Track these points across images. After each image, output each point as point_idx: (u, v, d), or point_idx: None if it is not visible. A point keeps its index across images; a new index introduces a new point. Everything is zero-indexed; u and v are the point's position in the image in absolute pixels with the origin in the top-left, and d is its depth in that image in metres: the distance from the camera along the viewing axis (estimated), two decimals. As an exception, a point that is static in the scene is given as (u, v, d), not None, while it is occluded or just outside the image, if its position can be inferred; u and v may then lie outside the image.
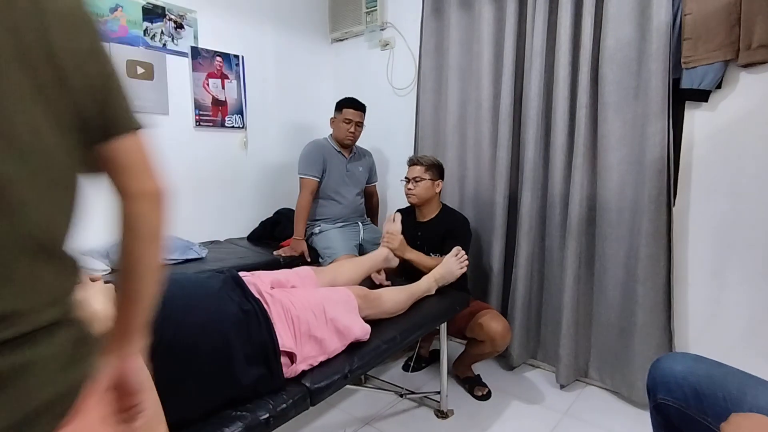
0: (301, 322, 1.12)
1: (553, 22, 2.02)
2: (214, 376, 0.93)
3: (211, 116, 2.46)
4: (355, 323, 1.25)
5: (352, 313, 1.27)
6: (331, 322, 1.18)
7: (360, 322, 1.27)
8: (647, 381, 1.08)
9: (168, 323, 0.90)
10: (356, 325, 1.25)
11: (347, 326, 1.22)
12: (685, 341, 1.86)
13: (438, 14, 2.43)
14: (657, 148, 1.74)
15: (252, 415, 0.93)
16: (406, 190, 2.04)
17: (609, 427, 1.77)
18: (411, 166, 2.05)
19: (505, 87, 2.16)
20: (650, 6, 1.72)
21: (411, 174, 2.02)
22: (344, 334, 1.21)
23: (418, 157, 2.05)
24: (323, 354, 1.16)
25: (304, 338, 1.11)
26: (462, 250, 1.82)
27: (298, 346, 1.09)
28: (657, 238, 1.78)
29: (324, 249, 2.32)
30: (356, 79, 2.94)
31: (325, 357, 1.16)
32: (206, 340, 0.94)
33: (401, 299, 1.51)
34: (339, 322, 1.20)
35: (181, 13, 2.30)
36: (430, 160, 2.04)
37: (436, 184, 2.03)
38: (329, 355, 1.17)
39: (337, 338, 1.19)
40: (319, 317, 1.17)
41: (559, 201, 2.07)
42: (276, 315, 1.09)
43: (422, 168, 2.00)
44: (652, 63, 1.72)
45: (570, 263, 2.00)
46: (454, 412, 1.86)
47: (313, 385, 1.06)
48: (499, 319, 1.96)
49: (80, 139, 0.56)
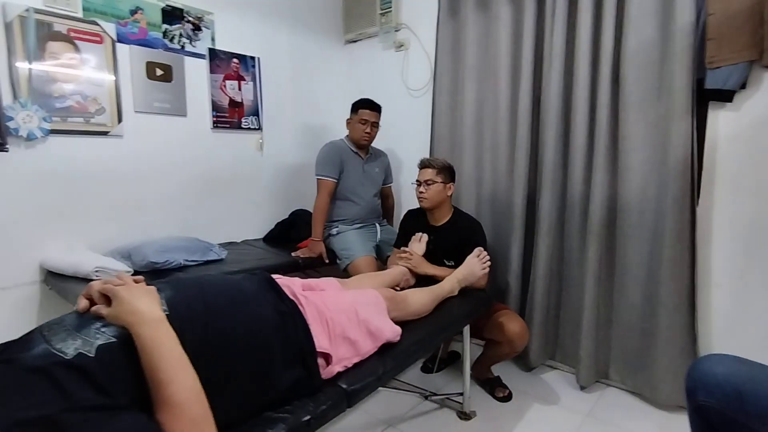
0: (336, 323, 1.12)
1: (572, 23, 2.01)
2: (255, 378, 0.93)
3: (228, 118, 2.46)
4: (386, 325, 1.24)
5: (382, 315, 1.27)
6: (364, 324, 1.18)
7: (390, 323, 1.27)
8: (686, 383, 1.07)
9: (210, 325, 0.90)
10: (387, 327, 1.24)
11: (379, 328, 1.21)
12: (709, 343, 1.85)
13: (454, 15, 2.43)
14: (681, 149, 1.73)
15: (293, 417, 0.93)
16: (418, 194, 2.00)
17: (633, 429, 1.76)
18: (422, 168, 2.00)
19: (523, 88, 2.16)
20: (673, 6, 1.72)
21: (422, 177, 1.98)
22: (376, 336, 1.21)
23: (429, 160, 2.01)
24: (357, 355, 1.15)
25: (338, 339, 1.11)
26: (484, 251, 1.81)
27: (333, 348, 1.09)
28: (681, 239, 1.77)
29: (342, 250, 2.32)
30: (370, 81, 2.94)
31: (359, 359, 1.16)
32: (247, 342, 0.93)
33: (427, 301, 1.51)
34: (371, 324, 1.20)
35: (199, 15, 2.30)
36: (442, 162, 2.00)
37: (447, 187, 1.99)
38: (362, 356, 1.17)
39: (369, 340, 1.19)
40: (352, 319, 1.16)
41: (579, 202, 2.06)
42: (311, 316, 1.08)
43: (434, 171, 1.96)
44: (676, 63, 1.72)
45: (590, 264, 2.00)
46: (477, 414, 1.85)
47: (349, 387, 1.06)
48: (517, 320, 1.95)
49: None
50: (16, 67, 1.74)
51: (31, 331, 0.88)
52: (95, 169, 2.00)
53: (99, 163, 2.01)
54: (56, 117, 1.86)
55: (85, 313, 0.89)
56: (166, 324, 0.82)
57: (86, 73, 1.93)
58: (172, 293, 0.92)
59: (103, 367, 0.75)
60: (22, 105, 1.75)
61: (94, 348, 0.77)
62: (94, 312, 0.86)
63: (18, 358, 0.77)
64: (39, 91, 1.81)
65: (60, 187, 1.91)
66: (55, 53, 1.84)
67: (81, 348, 0.77)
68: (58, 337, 0.81)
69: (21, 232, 1.83)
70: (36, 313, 1.91)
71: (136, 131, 2.11)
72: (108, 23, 1.98)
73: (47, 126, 1.82)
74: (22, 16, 1.74)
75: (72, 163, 1.93)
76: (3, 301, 1.81)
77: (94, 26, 1.93)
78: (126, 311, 0.81)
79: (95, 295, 0.89)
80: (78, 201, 1.96)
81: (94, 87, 1.96)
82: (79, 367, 0.74)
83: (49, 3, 1.82)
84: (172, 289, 0.93)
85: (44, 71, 1.82)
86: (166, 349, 0.79)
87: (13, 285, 1.84)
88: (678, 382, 1.83)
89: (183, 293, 0.94)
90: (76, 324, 0.84)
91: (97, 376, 0.74)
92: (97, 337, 0.80)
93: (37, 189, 1.85)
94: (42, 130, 1.81)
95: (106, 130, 2.02)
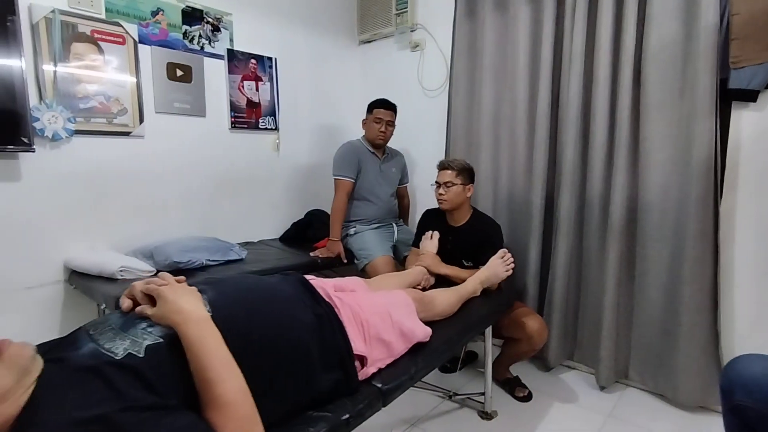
0: (370, 325, 1.12)
1: (592, 23, 2.01)
2: (296, 380, 0.93)
3: (246, 118, 2.48)
4: (417, 326, 1.25)
5: (413, 316, 1.27)
6: (397, 325, 1.18)
7: (421, 324, 1.27)
8: (721, 383, 1.07)
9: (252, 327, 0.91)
10: (419, 328, 1.25)
11: (411, 329, 1.22)
12: (731, 343, 1.84)
13: (472, 16, 2.43)
14: (704, 149, 1.73)
15: (333, 416, 0.94)
16: (437, 195, 2.00)
17: (657, 429, 1.76)
18: (442, 170, 2.00)
19: (542, 88, 2.16)
20: (697, 5, 1.71)
21: (442, 178, 1.97)
22: (408, 337, 1.21)
23: (448, 162, 2.01)
24: (390, 357, 1.16)
25: (373, 341, 1.11)
26: (508, 253, 1.81)
27: (369, 349, 1.09)
28: (704, 239, 1.77)
29: (359, 250, 2.33)
30: (385, 81, 2.95)
31: (391, 359, 1.17)
32: (287, 344, 0.94)
33: (453, 302, 1.51)
34: (404, 326, 1.20)
35: (218, 16, 2.31)
36: (461, 164, 2.00)
37: (467, 188, 1.99)
38: (394, 357, 1.18)
39: (402, 341, 1.19)
40: (386, 321, 1.17)
41: (598, 202, 2.06)
42: (346, 319, 1.09)
43: (453, 172, 1.96)
44: (699, 62, 1.71)
45: (611, 264, 1.99)
46: (498, 414, 1.85)
47: (384, 386, 1.07)
48: (536, 317, 1.96)
49: None
50: (42, 68, 1.76)
51: (76, 331, 0.89)
52: (117, 169, 2.02)
53: (120, 163, 2.03)
54: (80, 117, 1.88)
55: (129, 312, 0.90)
56: (211, 324, 0.83)
57: (109, 73, 1.95)
58: (214, 294, 0.93)
59: (153, 367, 0.76)
60: (47, 106, 1.77)
61: (142, 348, 0.78)
62: (139, 312, 0.86)
63: (68, 357, 0.78)
64: (64, 92, 1.82)
65: (83, 187, 1.93)
66: (79, 54, 1.85)
67: (130, 348, 0.78)
68: (105, 337, 0.82)
69: (45, 231, 1.84)
70: (60, 311, 1.93)
71: (157, 131, 2.13)
72: (130, 24, 1.99)
73: (72, 126, 1.84)
74: (48, 18, 1.76)
75: (94, 163, 1.95)
76: (28, 300, 1.83)
77: (117, 27, 1.95)
78: (172, 311, 0.82)
79: (138, 296, 0.90)
80: (100, 201, 1.98)
81: (116, 88, 1.97)
82: (129, 367, 0.74)
83: (73, 4, 1.83)
84: (212, 290, 0.94)
85: (69, 72, 1.83)
86: (213, 348, 0.80)
87: (38, 284, 1.86)
88: (699, 383, 1.83)
89: (224, 294, 0.95)
90: (121, 324, 0.85)
91: (147, 376, 0.74)
92: (144, 337, 0.80)
93: (60, 189, 1.87)
94: (67, 130, 1.83)
95: (128, 130, 2.03)
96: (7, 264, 1.76)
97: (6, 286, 1.77)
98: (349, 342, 1.04)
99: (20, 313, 1.80)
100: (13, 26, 1.62)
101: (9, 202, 1.75)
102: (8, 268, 1.77)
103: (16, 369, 0.70)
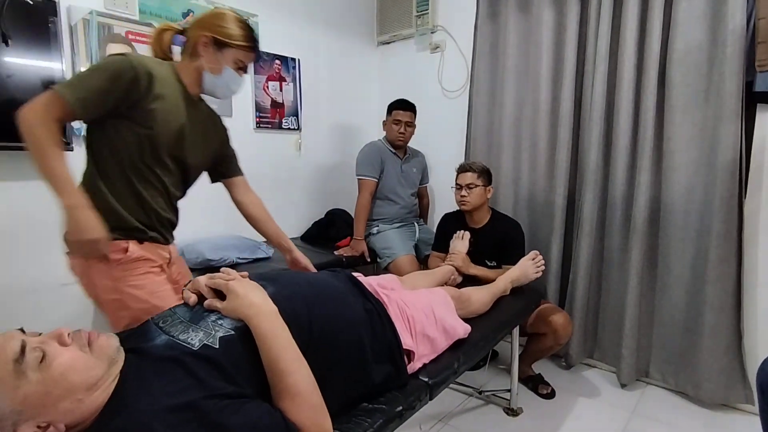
0: (416, 321, 1.16)
1: (617, 26, 2.04)
2: (352, 372, 0.97)
3: (270, 118, 2.51)
4: (458, 323, 1.29)
5: (453, 313, 1.31)
6: (440, 322, 1.22)
7: (461, 321, 1.31)
8: (758, 380, 1.10)
9: (313, 321, 0.94)
10: (459, 325, 1.29)
11: (453, 326, 1.26)
12: (755, 342, 1.87)
13: (494, 17, 2.46)
14: (730, 151, 1.76)
15: (388, 408, 0.97)
16: (458, 197, 2.04)
17: (681, 427, 1.79)
18: (462, 173, 2.03)
19: (565, 90, 2.19)
20: (724, 10, 1.74)
21: (463, 181, 2.01)
22: (450, 334, 1.25)
23: (469, 164, 2.04)
24: (434, 353, 1.19)
25: (419, 337, 1.15)
26: (539, 254, 1.84)
27: (415, 345, 1.13)
28: (728, 239, 1.80)
29: (382, 249, 2.36)
30: (404, 82, 2.97)
31: (435, 355, 1.20)
32: (345, 338, 0.97)
33: (487, 300, 1.55)
34: (446, 322, 1.24)
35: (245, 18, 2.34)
36: (480, 166, 2.04)
37: (487, 189, 2.04)
38: (437, 353, 1.21)
39: (444, 337, 1.23)
40: (430, 317, 1.21)
41: (621, 202, 2.09)
42: (394, 314, 1.12)
43: (475, 174, 2.00)
44: (726, 66, 1.74)
45: (633, 264, 2.02)
46: (524, 410, 1.89)
47: (431, 380, 1.11)
48: (561, 312, 2.00)
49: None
50: (79, 69, 1.79)
51: (144, 323, 0.93)
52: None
53: (151, 163, 2.06)
54: (113, 117, 1.91)
55: (194, 306, 0.93)
56: (280, 317, 0.86)
57: (141, 74, 1.98)
58: (274, 289, 0.96)
59: (228, 357, 0.79)
60: (84, 106, 1.80)
61: (216, 340, 0.81)
62: (208, 305, 0.89)
63: (145, 348, 0.81)
64: (99, 92, 1.85)
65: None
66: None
67: (205, 340, 0.81)
68: (177, 329, 0.85)
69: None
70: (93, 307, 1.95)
71: (186, 131, 2.16)
72: (162, 26, 2.02)
73: (107, 126, 1.87)
74: (86, 19, 1.79)
75: (127, 162, 1.98)
76: (64, 296, 1.86)
77: (149, 28, 1.98)
78: (244, 305, 0.85)
79: (204, 290, 0.93)
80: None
81: (148, 88, 2.00)
82: (207, 357, 0.78)
83: (109, 6, 1.87)
84: (272, 285, 0.97)
85: (104, 73, 1.86)
86: (284, 340, 0.83)
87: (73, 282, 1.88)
88: (723, 381, 1.86)
89: (285, 289, 0.98)
90: (190, 317, 0.88)
91: (224, 366, 0.78)
92: (216, 329, 0.84)
93: (95, 187, 1.90)
94: (102, 130, 1.86)
95: (159, 130, 2.06)
96: (44, 261, 1.80)
97: (43, 284, 1.80)
98: (398, 336, 1.08)
99: (56, 309, 1.84)
100: (54, 28, 1.66)
101: (46, 200, 1.78)
102: (45, 265, 1.80)
103: (105, 359, 0.74)
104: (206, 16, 1.28)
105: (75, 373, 0.69)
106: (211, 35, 1.24)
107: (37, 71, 1.63)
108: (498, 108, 2.46)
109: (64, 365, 0.68)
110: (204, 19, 1.27)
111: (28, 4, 1.60)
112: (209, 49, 1.25)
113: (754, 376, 1.40)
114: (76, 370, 0.69)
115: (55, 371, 0.67)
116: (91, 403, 0.70)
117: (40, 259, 1.79)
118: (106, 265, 1.18)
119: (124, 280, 1.20)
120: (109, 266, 1.18)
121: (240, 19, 1.30)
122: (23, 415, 0.65)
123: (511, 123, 2.41)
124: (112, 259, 1.18)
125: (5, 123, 1.56)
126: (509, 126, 2.42)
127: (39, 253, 1.78)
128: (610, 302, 2.18)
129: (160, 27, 1.31)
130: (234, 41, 1.26)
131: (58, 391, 0.67)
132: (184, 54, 1.29)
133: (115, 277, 1.19)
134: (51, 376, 0.66)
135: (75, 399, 0.68)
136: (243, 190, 1.64)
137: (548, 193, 2.32)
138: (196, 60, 1.26)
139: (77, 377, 0.69)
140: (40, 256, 1.79)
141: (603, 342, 2.24)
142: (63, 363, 0.68)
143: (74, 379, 0.68)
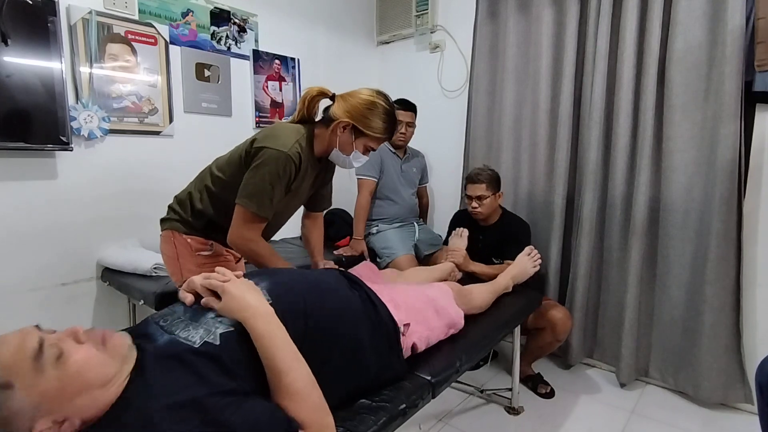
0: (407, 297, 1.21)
1: (616, 26, 2.04)
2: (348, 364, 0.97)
3: (269, 118, 2.51)
4: (451, 306, 1.31)
5: (447, 297, 1.33)
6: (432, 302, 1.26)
7: (455, 305, 1.33)
8: (758, 379, 1.10)
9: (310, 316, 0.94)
10: (452, 307, 1.31)
11: (444, 306, 1.29)
12: (754, 341, 1.88)
13: (494, 17, 2.46)
14: (729, 150, 1.76)
15: (391, 406, 0.98)
16: (470, 209, 2.04)
17: (680, 426, 1.79)
18: (471, 184, 2.01)
19: (564, 89, 2.19)
20: (723, 10, 1.75)
21: (473, 192, 2.00)
22: (441, 314, 1.27)
23: (477, 175, 2.01)
24: (427, 329, 1.21)
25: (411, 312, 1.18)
26: (534, 249, 1.85)
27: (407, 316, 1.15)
28: (727, 239, 1.80)
29: (382, 249, 2.36)
30: (404, 82, 2.97)
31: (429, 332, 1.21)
32: (342, 331, 0.98)
33: (488, 297, 1.56)
34: (437, 302, 1.28)
35: (244, 17, 2.35)
36: (488, 175, 2.01)
37: (497, 196, 2.04)
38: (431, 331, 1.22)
39: (437, 317, 1.25)
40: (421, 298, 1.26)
41: (621, 202, 2.10)
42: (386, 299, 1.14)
43: (484, 185, 1.98)
44: (726, 66, 1.75)
45: (633, 264, 2.03)
46: (524, 409, 1.89)
47: (433, 378, 1.11)
48: (559, 307, 2.01)
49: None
50: (78, 68, 1.79)
51: (143, 322, 0.93)
52: (147, 167, 2.05)
53: (151, 162, 2.06)
54: (113, 117, 1.91)
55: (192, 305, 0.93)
56: (276, 317, 0.86)
57: (141, 74, 1.98)
58: (270, 285, 0.96)
59: (228, 353, 0.79)
60: (84, 105, 1.80)
61: (217, 336, 0.81)
62: (205, 304, 0.89)
63: (149, 347, 0.81)
64: (99, 92, 1.85)
65: (115, 185, 1.96)
66: (114, 55, 1.88)
67: (205, 337, 0.81)
68: (178, 327, 0.85)
69: (80, 230, 1.88)
70: (92, 306, 1.96)
71: (185, 131, 2.16)
72: (162, 25, 2.02)
73: (106, 126, 1.87)
74: (85, 19, 1.79)
75: (126, 162, 1.98)
76: (63, 296, 1.86)
77: (149, 28, 1.98)
78: (239, 307, 0.85)
79: (200, 290, 0.92)
80: (131, 199, 2.01)
81: (148, 88, 2.00)
82: (208, 354, 0.78)
83: (108, 5, 1.86)
84: (268, 282, 0.97)
85: (104, 72, 1.86)
86: (280, 340, 0.83)
87: (73, 281, 1.89)
88: (722, 380, 1.86)
89: (280, 286, 0.98)
90: (190, 315, 0.89)
91: (225, 361, 0.78)
92: (216, 326, 0.84)
93: (94, 187, 1.90)
94: (102, 129, 1.86)
95: (159, 129, 2.06)
96: (44, 261, 1.80)
97: (43, 283, 1.80)
98: (392, 315, 1.10)
99: (55, 309, 1.84)
100: (53, 27, 1.65)
101: (46, 200, 1.79)
102: (44, 264, 1.80)
103: (119, 357, 0.74)
104: (358, 103, 1.32)
105: (90, 371, 0.70)
106: (353, 124, 1.30)
107: (37, 71, 1.63)
108: (497, 108, 2.47)
109: (80, 362, 0.69)
110: (355, 105, 1.32)
111: (28, 3, 1.59)
112: (346, 132, 1.32)
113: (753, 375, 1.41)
114: (91, 367, 0.70)
115: (71, 368, 0.68)
116: (104, 399, 0.71)
117: (40, 258, 1.78)
118: (192, 255, 1.42)
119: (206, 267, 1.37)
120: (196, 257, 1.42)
121: (388, 111, 1.34)
122: (41, 410, 0.66)
123: (510, 123, 2.42)
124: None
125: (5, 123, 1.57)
126: (509, 126, 2.42)
127: (39, 253, 1.78)
128: (609, 302, 2.19)
129: (314, 92, 1.37)
130: (372, 133, 1.32)
131: (74, 388, 0.68)
132: (323, 122, 1.37)
133: (200, 264, 1.41)
134: (68, 373, 0.68)
135: (90, 395, 0.69)
136: (318, 223, 1.79)
137: (548, 192, 2.32)
138: (332, 135, 1.34)
139: (92, 374, 0.70)
140: (41, 256, 1.78)
141: (602, 341, 2.25)
142: (79, 360, 0.69)
143: (90, 376, 0.69)
